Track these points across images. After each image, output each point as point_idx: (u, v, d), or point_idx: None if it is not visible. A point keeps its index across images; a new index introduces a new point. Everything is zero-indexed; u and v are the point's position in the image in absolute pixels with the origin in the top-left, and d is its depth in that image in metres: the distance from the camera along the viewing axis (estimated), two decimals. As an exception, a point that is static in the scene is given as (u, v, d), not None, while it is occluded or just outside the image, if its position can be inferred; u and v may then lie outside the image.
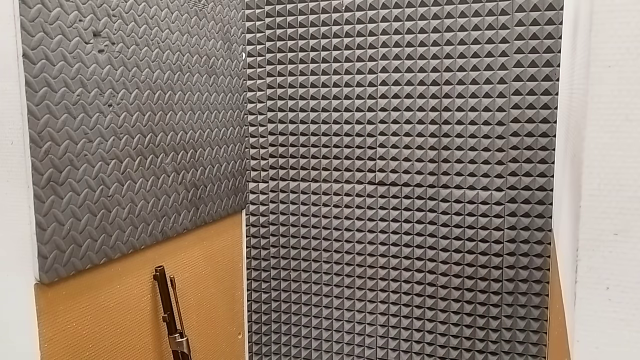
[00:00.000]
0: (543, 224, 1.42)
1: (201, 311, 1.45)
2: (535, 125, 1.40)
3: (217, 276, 1.52)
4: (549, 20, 1.35)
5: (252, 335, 1.78)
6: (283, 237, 1.71)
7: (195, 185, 1.40)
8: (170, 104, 1.29)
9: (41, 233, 0.95)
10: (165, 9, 1.26)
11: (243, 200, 1.66)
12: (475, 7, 1.42)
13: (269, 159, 1.68)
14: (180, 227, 1.34)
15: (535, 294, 1.45)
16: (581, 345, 0.53)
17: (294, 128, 1.65)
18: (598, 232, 0.52)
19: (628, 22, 0.49)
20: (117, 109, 1.12)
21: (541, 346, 1.46)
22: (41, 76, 0.94)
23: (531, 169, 1.42)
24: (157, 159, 1.25)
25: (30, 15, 0.91)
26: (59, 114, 0.97)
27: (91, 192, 1.06)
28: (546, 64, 1.37)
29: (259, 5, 1.63)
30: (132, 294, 1.20)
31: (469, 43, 1.43)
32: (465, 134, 1.46)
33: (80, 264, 1.04)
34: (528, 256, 1.44)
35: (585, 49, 0.54)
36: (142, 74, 1.19)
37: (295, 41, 1.60)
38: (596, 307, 0.52)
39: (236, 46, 1.58)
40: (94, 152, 1.06)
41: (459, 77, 1.45)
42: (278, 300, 1.74)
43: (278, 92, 1.64)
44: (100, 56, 1.07)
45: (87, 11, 1.03)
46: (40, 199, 0.94)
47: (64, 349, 1.03)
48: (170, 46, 1.28)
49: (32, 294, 0.96)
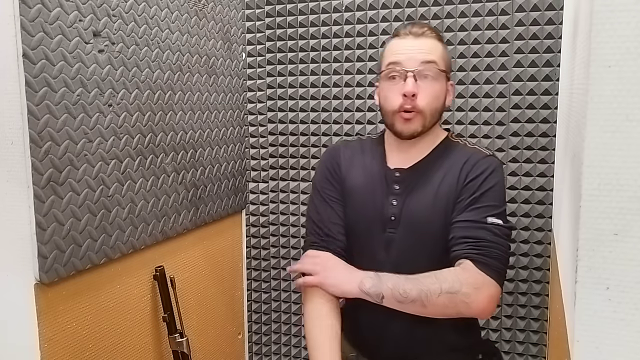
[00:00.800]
0: (543, 224, 1.42)
1: (201, 311, 1.45)
2: (535, 125, 1.40)
3: (217, 276, 1.52)
4: (549, 20, 1.35)
5: (252, 335, 1.78)
6: (283, 237, 1.71)
7: (195, 185, 1.40)
8: (170, 104, 1.29)
9: (41, 233, 0.95)
10: (165, 9, 1.26)
11: (243, 200, 1.66)
12: (475, 7, 1.42)
13: (269, 159, 1.68)
14: (180, 227, 1.34)
15: (535, 294, 1.45)
16: (581, 345, 0.53)
17: (294, 128, 1.65)
18: (598, 232, 0.52)
19: (628, 22, 0.49)
20: (117, 109, 1.12)
21: (541, 346, 1.46)
22: (41, 76, 0.93)
23: (531, 169, 1.42)
24: (157, 159, 1.25)
25: (30, 15, 0.91)
26: (59, 114, 0.97)
27: (91, 192, 1.06)
28: (546, 64, 1.37)
29: (259, 5, 1.63)
30: (132, 294, 1.20)
31: (469, 43, 1.43)
32: (465, 134, 1.46)
33: (80, 264, 1.04)
34: (528, 256, 1.44)
35: (585, 49, 0.54)
36: (142, 74, 1.19)
37: (295, 41, 1.60)
38: (596, 307, 0.52)
39: (236, 46, 1.58)
40: (94, 152, 1.06)
41: (459, 77, 1.45)
42: (278, 300, 1.74)
43: (278, 92, 1.64)
44: (100, 56, 1.07)
45: (87, 11, 1.03)
46: (40, 199, 0.94)
47: (64, 349, 1.03)
48: (170, 46, 1.28)
49: (32, 294, 0.95)
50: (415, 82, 1.09)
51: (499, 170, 1.14)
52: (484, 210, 1.09)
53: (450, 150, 1.16)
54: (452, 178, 1.12)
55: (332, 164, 1.25)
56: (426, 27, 1.14)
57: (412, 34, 1.13)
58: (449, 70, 1.16)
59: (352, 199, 1.20)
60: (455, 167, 1.13)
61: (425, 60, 1.10)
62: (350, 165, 1.22)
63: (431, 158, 1.16)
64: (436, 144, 1.18)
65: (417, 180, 1.15)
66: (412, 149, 1.17)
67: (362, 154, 1.23)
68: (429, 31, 1.14)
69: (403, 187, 1.15)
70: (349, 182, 1.21)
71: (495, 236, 1.08)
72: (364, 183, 1.19)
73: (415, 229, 1.13)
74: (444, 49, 1.15)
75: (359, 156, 1.23)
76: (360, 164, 1.22)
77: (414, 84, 1.09)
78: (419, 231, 1.13)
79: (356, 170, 1.21)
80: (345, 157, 1.24)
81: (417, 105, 1.09)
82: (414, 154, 1.17)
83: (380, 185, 1.18)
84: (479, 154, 1.14)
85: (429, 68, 1.10)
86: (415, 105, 1.09)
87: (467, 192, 1.10)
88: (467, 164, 1.12)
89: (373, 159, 1.21)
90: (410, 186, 1.15)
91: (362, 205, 1.18)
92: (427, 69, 1.10)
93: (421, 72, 1.10)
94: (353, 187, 1.20)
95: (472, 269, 1.04)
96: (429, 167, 1.15)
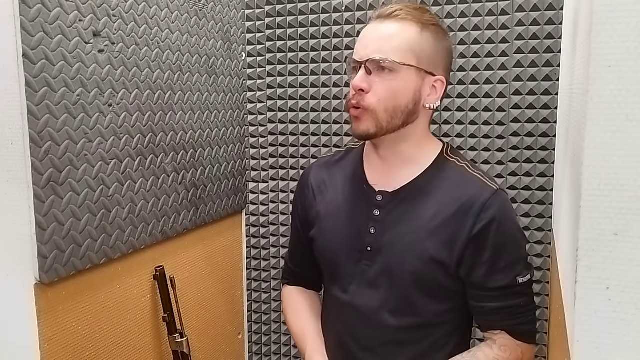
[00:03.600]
0: (543, 224, 1.42)
1: (201, 311, 1.45)
2: (535, 125, 1.40)
3: (217, 276, 1.52)
4: (549, 20, 1.35)
5: (252, 335, 1.78)
6: (283, 237, 1.71)
7: (195, 185, 1.40)
8: (170, 104, 1.29)
9: (41, 233, 0.95)
10: (165, 9, 1.26)
11: (243, 200, 1.66)
12: (475, 7, 1.41)
13: (269, 159, 1.68)
14: (180, 227, 1.34)
15: (535, 294, 1.45)
16: (581, 345, 0.53)
17: (294, 128, 1.64)
18: (598, 232, 0.52)
19: (628, 22, 0.49)
20: (117, 109, 1.12)
21: (541, 346, 1.45)
22: (41, 76, 0.93)
23: (531, 169, 1.42)
24: (157, 159, 1.25)
25: (30, 15, 0.91)
26: (59, 114, 0.97)
27: (91, 192, 1.06)
28: (546, 64, 1.37)
29: (259, 5, 1.63)
30: (132, 294, 1.20)
31: (469, 43, 1.43)
32: (465, 134, 1.46)
33: (80, 264, 1.04)
34: (528, 256, 1.44)
35: (585, 49, 0.54)
36: (142, 74, 1.19)
37: (295, 41, 1.60)
38: (596, 307, 0.52)
39: (236, 46, 1.58)
40: (94, 152, 1.06)
41: (459, 77, 1.45)
42: (278, 300, 1.74)
43: (278, 92, 1.64)
44: (100, 56, 1.07)
45: (87, 11, 1.03)
46: (40, 199, 0.94)
47: (64, 349, 1.03)
48: (170, 46, 1.28)
49: (32, 294, 0.96)
50: (366, 75, 0.92)
51: (511, 208, 0.99)
52: (511, 270, 0.94)
53: (447, 175, 0.97)
54: (453, 219, 0.93)
55: (299, 192, 1.13)
56: (400, 8, 0.93)
57: (378, 17, 0.95)
58: (429, 63, 0.94)
59: (324, 224, 1.05)
60: (455, 203, 0.94)
61: (379, 50, 0.91)
62: (323, 187, 1.08)
63: (421, 182, 0.97)
64: (428, 162, 0.99)
65: (403, 208, 0.97)
66: (397, 165, 0.99)
67: (339, 170, 1.08)
68: (401, 12, 0.92)
69: (384, 214, 0.98)
70: (321, 205, 1.06)
71: (527, 296, 0.97)
72: (338, 206, 1.04)
73: (392, 268, 0.97)
74: (419, 36, 0.92)
75: (335, 174, 1.08)
76: (335, 185, 1.06)
77: (362, 78, 0.92)
78: (397, 272, 0.97)
79: (330, 191, 1.06)
80: (316, 179, 1.09)
81: (362, 101, 0.92)
82: (400, 173, 0.98)
83: (357, 208, 1.01)
84: (486, 188, 0.94)
85: (384, 60, 0.91)
86: (360, 102, 0.93)
87: (484, 247, 0.93)
88: (475, 206, 0.92)
89: (352, 177, 1.05)
90: (394, 215, 0.97)
91: (334, 231, 1.03)
92: (383, 60, 0.91)
93: (377, 63, 0.92)
94: (326, 211, 1.05)
95: (511, 343, 0.96)
96: (418, 193, 0.97)
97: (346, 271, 1.02)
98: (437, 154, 1.00)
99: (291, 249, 1.19)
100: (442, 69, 0.97)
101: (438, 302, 0.98)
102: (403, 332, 0.99)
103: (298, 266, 1.17)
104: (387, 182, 0.99)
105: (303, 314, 1.13)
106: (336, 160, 1.11)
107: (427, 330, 1.00)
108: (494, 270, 0.94)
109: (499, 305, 0.95)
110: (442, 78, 0.97)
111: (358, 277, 1.01)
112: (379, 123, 0.93)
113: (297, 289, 1.18)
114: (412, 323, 0.99)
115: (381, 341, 1.01)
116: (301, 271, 1.16)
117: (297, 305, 1.15)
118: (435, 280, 0.96)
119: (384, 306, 0.99)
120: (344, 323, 1.04)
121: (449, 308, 1.00)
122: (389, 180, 0.99)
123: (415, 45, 0.92)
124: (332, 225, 1.04)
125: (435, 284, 0.97)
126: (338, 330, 1.06)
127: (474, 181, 0.96)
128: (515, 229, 0.98)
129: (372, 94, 0.93)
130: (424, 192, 0.97)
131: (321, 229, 1.06)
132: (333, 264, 1.05)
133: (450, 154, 1.02)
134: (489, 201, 0.93)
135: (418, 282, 0.96)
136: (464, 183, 0.96)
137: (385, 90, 0.92)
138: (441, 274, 0.95)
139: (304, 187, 1.12)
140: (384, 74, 0.92)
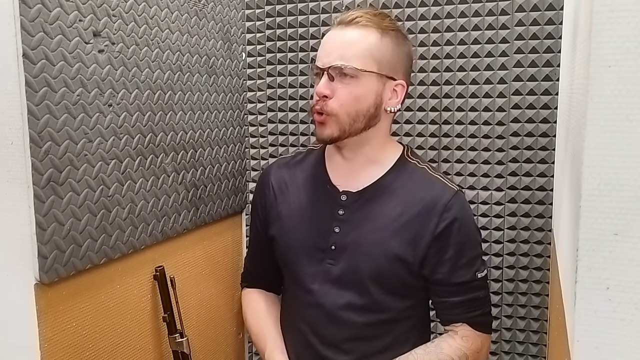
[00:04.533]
0: (543, 224, 1.42)
1: (201, 311, 1.45)
2: (535, 125, 1.40)
3: (217, 276, 1.52)
4: (549, 20, 1.35)
5: (252, 335, 1.77)
6: (283, 237, 1.71)
7: (195, 185, 1.40)
8: (170, 104, 1.29)
9: (41, 233, 0.95)
10: (165, 9, 1.26)
11: (243, 200, 1.66)
12: (475, 7, 1.42)
13: (269, 159, 1.68)
14: (180, 227, 1.34)
15: (535, 294, 1.45)
16: (581, 345, 0.53)
17: (294, 128, 1.64)
18: (598, 232, 0.52)
19: (628, 22, 0.49)
20: (117, 109, 1.12)
21: (541, 346, 1.46)
22: (41, 76, 0.93)
23: (531, 169, 1.42)
24: (157, 159, 1.25)
25: (30, 15, 0.91)
26: (59, 114, 0.97)
27: (91, 192, 1.06)
28: (546, 64, 1.37)
29: (259, 5, 1.63)
30: (132, 294, 1.20)
31: (469, 43, 1.43)
32: (465, 134, 1.46)
33: (80, 264, 1.04)
34: (528, 256, 1.44)
35: (585, 49, 0.54)
36: (142, 74, 1.19)
37: (295, 41, 1.60)
38: (596, 307, 0.52)
39: (236, 46, 1.58)
40: (94, 152, 1.06)
41: (459, 77, 1.45)
42: (278, 300, 1.74)
43: (278, 92, 1.64)
44: (100, 56, 1.07)
45: (87, 11, 1.03)
46: (40, 199, 0.94)
47: (64, 349, 1.03)
48: (170, 46, 1.28)
49: (32, 294, 0.96)
50: (329, 81, 0.95)
51: (469, 208, 1.05)
52: (472, 265, 1.01)
53: (409, 176, 1.02)
54: (417, 219, 0.98)
55: (258, 192, 1.14)
56: (361, 14, 0.95)
57: (340, 23, 0.97)
58: (389, 68, 0.96)
59: (285, 224, 1.07)
60: (418, 204, 0.98)
61: (341, 57, 0.94)
62: (284, 187, 1.09)
63: (385, 182, 1.01)
64: (390, 163, 1.03)
65: (367, 207, 1.00)
66: (360, 166, 1.02)
67: (300, 171, 1.10)
68: (362, 18, 0.95)
69: (348, 213, 1.01)
70: (283, 205, 1.08)
71: (484, 289, 1.05)
72: (300, 206, 1.06)
73: (357, 267, 1.00)
74: (379, 42, 0.95)
75: (295, 174, 1.10)
76: (296, 185, 1.08)
77: (325, 84, 0.95)
78: (362, 270, 1.00)
79: (292, 191, 1.08)
80: (277, 179, 1.11)
81: (325, 107, 0.95)
82: (364, 174, 1.02)
83: (321, 207, 1.04)
84: (447, 189, 1.00)
85: (345, 66, 0.93)
86: (324, 107, 0.96)
87: (447, 245, 0.98)
88: (438, 206, 0.98)
89: (314, 177, 1.07)
90: (358, 214, 1.00)
91: (296, 231, 1.05)
92: (345, 66, 0.93)
93: (339, 70, 0.94)
94: (287, 211, 1.07)
95: (472, 334, 1.02)
96: (383, 193, 1.01)
97: (309, 270, 1.05)
98: (398, 155, 1.04)
99: (250, 251, 1.21)
100: (402, 73, 1.01)
101: (401, 299, 1.03)
102: (368, 328, 1.03)
103: (257, 268, 1.18)
104: (351, 183, 1.02)
105: (262, 314, 1.15)
106: (297, 162, 1.13)
107: (391, 326, 1.04)
108: (456, 267, 1.00)
109: (460, 299, 1.01)
110: (402, 82, 1.01)
111: (321, 276, 1.03)
112: (342, 127, 0.96)
113: (256, 291, 1.19)
114: (377, 319, 1.02)
115: (346, 337, 1.04)
116: (261, 273, 1.18)
117: (256, 306, 1.17)
118: (399, 278, 1.00)
119: (349, 304, 1.01)
120: (307, 322, 1.07)
121: (412, 304, 1.05)
122: (352, 181, 1.02)
123: (375, 52, 0.95)
124: (294, 224, 1.06)
125: (399, 281, 1.01)
126: (302, 330, 1.07)
127: (436, 182, 1.02)
128: (474, 227, 1.05)
129: (335, 99, 0.96)
130: (388, 191, 1.01)
131: (282, 229, 1.08)
132: (295, 263, 1.07)
133: (410, 155, 1.06)
134: (451, 201, 0.98)
135: (382, 279, 1.00)
136: (426, 184, 1.01)
137: (348, 95, 0.95)
138: (405, 272, 1.00)
139: (264, 187, 1.14)
140: (346, 80, 0.95)
